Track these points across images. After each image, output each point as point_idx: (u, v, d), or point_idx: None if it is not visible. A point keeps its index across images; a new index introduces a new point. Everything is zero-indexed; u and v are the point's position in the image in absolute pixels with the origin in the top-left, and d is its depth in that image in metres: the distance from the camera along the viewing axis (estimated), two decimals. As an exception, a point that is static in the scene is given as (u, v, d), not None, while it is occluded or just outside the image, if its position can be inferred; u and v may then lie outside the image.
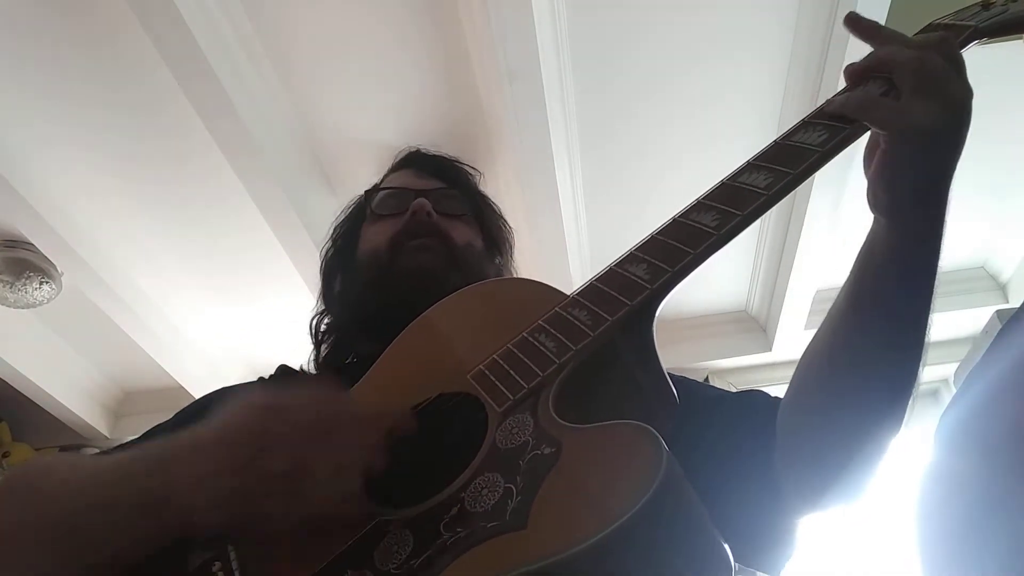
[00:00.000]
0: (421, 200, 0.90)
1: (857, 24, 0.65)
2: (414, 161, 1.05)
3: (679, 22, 1.74)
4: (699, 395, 0.81)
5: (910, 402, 0.65)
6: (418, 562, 0.47)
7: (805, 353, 0.72)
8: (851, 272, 0.67)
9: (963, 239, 2.43)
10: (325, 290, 0.99)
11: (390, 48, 1.77)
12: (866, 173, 0.64)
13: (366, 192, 1.02)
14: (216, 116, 1.71)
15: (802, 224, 2.12)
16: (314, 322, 0.96)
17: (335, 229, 1.03)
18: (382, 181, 1.02)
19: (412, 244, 0.88)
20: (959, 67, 0.61)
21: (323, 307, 0.97)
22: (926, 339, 0.64)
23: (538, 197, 2.00)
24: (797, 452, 0.69)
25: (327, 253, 1.02)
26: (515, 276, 1.00)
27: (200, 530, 0.53)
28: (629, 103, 1.92)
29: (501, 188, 2.08)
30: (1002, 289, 2.58)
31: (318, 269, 1.02)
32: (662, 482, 0.42)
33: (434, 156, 1.06)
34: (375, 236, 0.92)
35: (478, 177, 1.07)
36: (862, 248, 0.66)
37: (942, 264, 0.63)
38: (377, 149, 1.08)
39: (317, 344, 0.94)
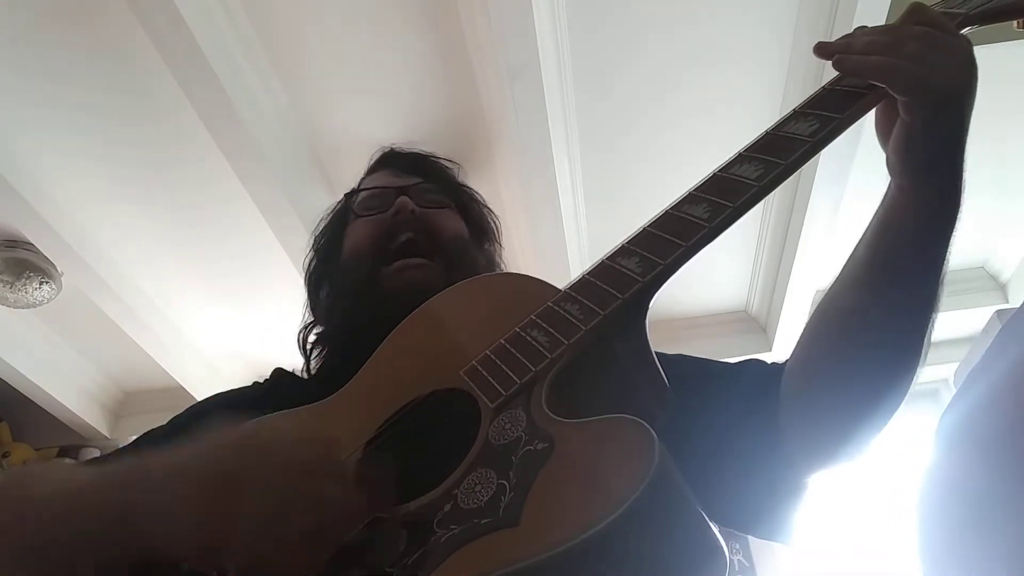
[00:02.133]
0: (403, 199, 0.89)
1: (825, 49, 0.64)
2: (390, 161, 1.03)
3: (679, 22, 1.74)
4: (698, 370, 0.81)
5: (923, 356, 0.67)
6: (412, 560, 0.47)
7: (813, 316, 0.72)
8: (864, 238, 0.67)
9: (963, 239, 2.42)
10: (312, 301, 0.96)
11: (390, 49, 1.77)
12: (882, 144, 0.64)
13: (346, 195, 1.00)
14: (217, 117, 1.72)
15: (802, 224, 2.12)
16: (302, 335, 0.93)
17: (317, 238, 1.01)
18: (360, 184, 1.01)
19: (397, 261, 0.85)
20: (939, 26, 0.61)
21: (311, 319, 0.95)
22: (938, 297, 0.66)
23: (538, 196, 2.00)
24: (807, 412, 0.70)
25: (310, 263, 0.99)
26: (506, 270, 0.99)
27: (161, 557, 0.52)
28: (629, 102, 1.92)
29: (501, 188, 2.08)
30: (1002, 289, 2.57)
31: (304, 280, 0.99)
32: (654, 477, 0.42)
33: (409, 153, 1.05)
34: (357, 234, 0.90)
35: (456, 169, 1.06)
36: (876, 214, 0.66)
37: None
38: (376, 147, 1.07)
39: (307, 357, 0.92)
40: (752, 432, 0.71)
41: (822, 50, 0.64)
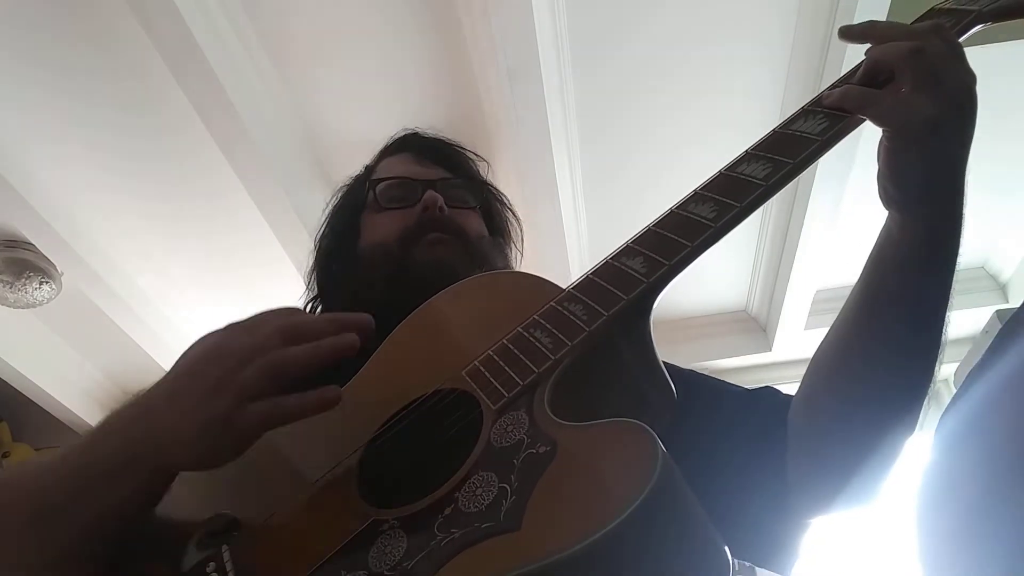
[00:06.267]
0: (433, 194, 0.85)
1: (850, 32, 0.64)
2: (412, 144, 0.97)
3: (679, 17, 1.74)
4: (709, 389, 0.79)
5: (925, 402, 0.64)
6: (412, 564, 0.47)
7: (816, 354, 0.70)
8: (863, 270, 0.65)
9: (963, 239, 2.42)
10: (321, 276, 0.93)
11: (389, 47, 1.77)
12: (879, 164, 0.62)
13: (365, 179, 0.95)
14: (215, 115, 1.71)
15: (802, 224, 2.12)
16: (307, 308, 0.91)
17: (331, 215, 0.97)
18: (377, 164, 0.96)
19: (428, 238, 0.83)
20: (957, 52, 0.59)
21: (316, 293, 0.92)
22: (943, 338, 0.63)
23: (538, 196, 2.00)
24: (809, 454, 0.68)
25: (323, 238, 0.95)
26: (513, 269, 0.97)
27: (182, 466, 0.53)
28: (629, 102, 1.92)
29: (500, 186, 2.08)
30: (1002, 289, 2.57)
31: (312, 252, 0.96)
32: (656, 484, 0.41)
33: (434, 139, 0.99)
34: (382, 228, 0.86)
35: (484, 166, 1.01)
36: (875, 246, 0.64)
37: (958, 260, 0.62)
38: (375, 147, 1.06)
39: None
40: (758, 465, 0.69)
41: (845, 34, 0.63)
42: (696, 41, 1.78)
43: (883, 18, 1.54)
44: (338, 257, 0.92)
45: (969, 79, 0.58)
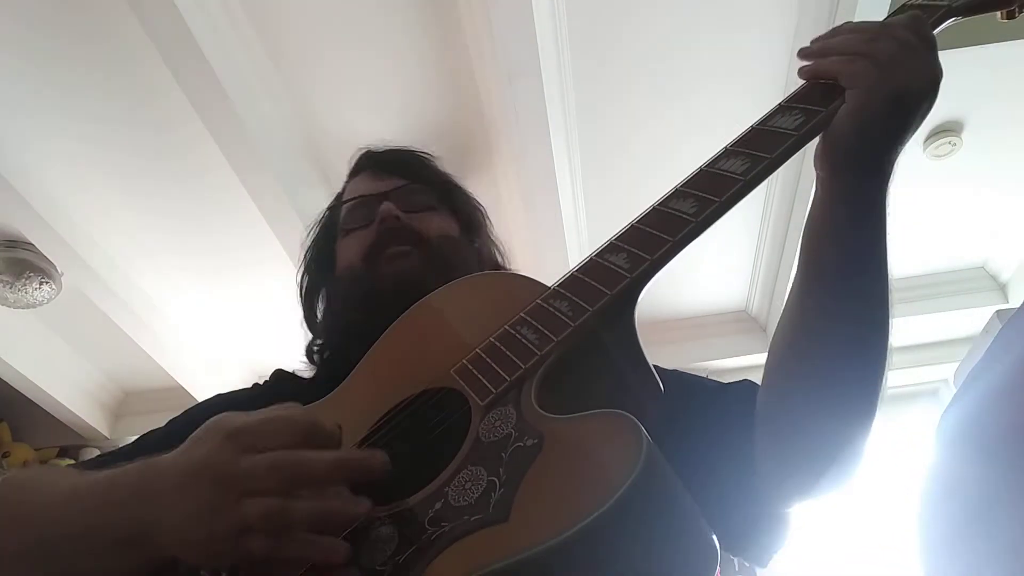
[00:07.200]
0: (386, 205, 0.86)
1: (807, 54, 0.66)
2: (369, 163, 0.99)
3: (678, 15, 1.74)
4: (683, 385, 0.79)
5: (882, 380, 0.64)
6: (403, 558, 0.47)
7: (772, 338, 0.71)
8: (802, 247, 0.67)
9: (963, 239, 2.42)
10: (308, 316, 0.95)
11: (390, 47, 1.78)
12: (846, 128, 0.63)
13: (329, 208, 0.98)
14: (213, 112, 1.72)
15: (802, 224, 2.11)
16: (308, 351, 0.91)
17: (307, 253, 0.98)
18: (343, 192, 0.98)
19: (388, 253, 0.84)
20: (926, 44, 0.61)
21: (311, 334, 0.93)
22: (881, 299, 0.64)
23: (538, 196, 2.01)
24: (774, 440, 0.68)
25: (303, 279, 0.97)
26: (503, 264, 0.98)
27: (180, 566, 0.50)
28: (630, 101, 1.93)
29: (501, 188, 2.09)
30: (1002, 289, 2.57)
31: (298, 294, 0.97)
32: (642, 471, 0.42)
33: (387, 151, 1.00)
34: (348, 251, 0.88)
35: (435, 160, 1.02)
36: (809, 220, 0.66)
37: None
38: (355, 153, 1.06)
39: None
40: (729, 457, 0.69)
41: (802, 54, 0.65)
42: (696, 40, 1.79)
43: (885, 10, 1.54)
44: (319, 287, 0.94)
45: (935, 67, 0.60)
